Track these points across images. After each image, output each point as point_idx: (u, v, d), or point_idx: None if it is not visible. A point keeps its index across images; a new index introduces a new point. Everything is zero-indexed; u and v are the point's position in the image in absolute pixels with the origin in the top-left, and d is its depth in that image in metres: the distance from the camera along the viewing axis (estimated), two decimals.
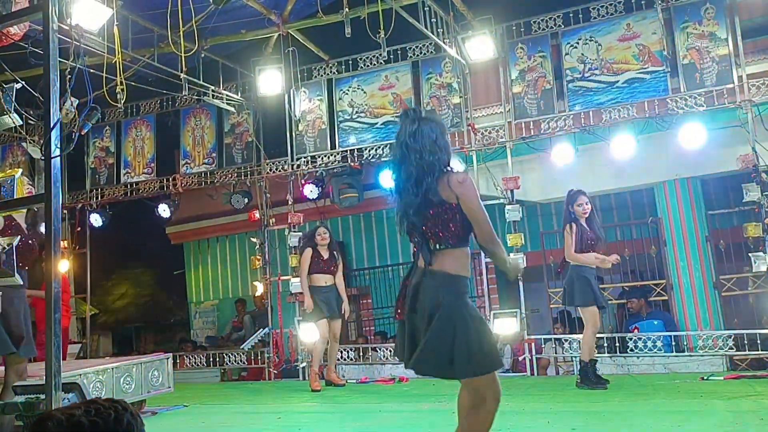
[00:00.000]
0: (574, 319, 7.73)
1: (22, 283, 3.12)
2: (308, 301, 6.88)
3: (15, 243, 3.00)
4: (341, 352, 8.10)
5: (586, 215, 5.88)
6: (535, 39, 7.73)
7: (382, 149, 8.22)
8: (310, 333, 7.20)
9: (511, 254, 7.29)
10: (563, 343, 7.55)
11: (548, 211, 9.60)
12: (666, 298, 7.81)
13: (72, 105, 3.23)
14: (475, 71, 7.98)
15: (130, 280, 12.34)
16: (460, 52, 7.64)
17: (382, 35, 6.31)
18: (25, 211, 3.73)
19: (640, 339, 7.10)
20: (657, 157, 7.55)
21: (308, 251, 7.07)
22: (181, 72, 7.49)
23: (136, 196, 9.62)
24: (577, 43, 7.51)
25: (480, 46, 7.52)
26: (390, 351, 7.95)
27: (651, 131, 7.40)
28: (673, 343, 7.06)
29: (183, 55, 6.94)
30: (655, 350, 7.05)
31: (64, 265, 8.82)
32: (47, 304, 2.76)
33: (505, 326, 7.29)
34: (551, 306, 8.07)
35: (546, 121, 7.58)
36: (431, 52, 8.11)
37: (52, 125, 2.78)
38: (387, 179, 8.39)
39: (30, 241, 3.95)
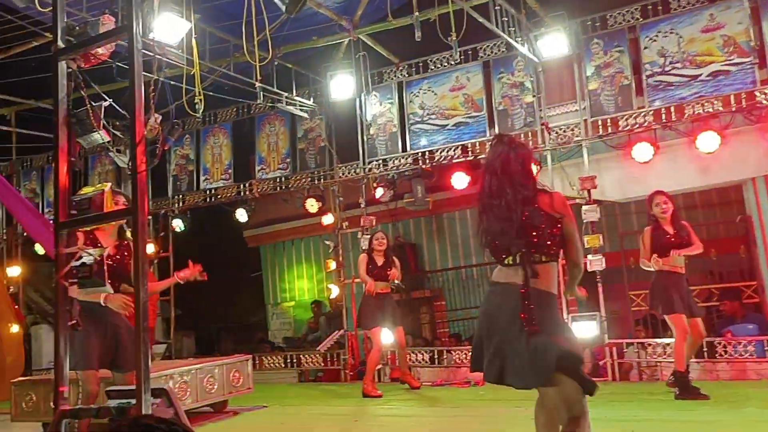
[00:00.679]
0: (658, 323, 7.44)
1: (112, 291, 3.27)
2: (370, 283, 6.87)
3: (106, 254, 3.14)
4: (415, 354, 8.10)
5: (666, 215, 5.63)
6: (612, 33, 7.49)
7: (454, 151, 8.17)
8: (384, 335, 7.23)
9: (589, 256, 7.11)
10: (646, 348, 7.29)
11: (628, 210, 9.29)
12: (758, 300, 7.42)
13: (156, 121, 3.35)
14: (549, 69, 7.80)
15: (210, 283, 12.71)
16: (532, 50, 7.50)
17: (454, 37, 6.26)
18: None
19: (730, 343, 6.77)
20: (746, 153, 7.17)
21: (363, 257, 7.11)
22: (256, 80, 7.66)
23: (215, 202, 9.93)
24: (657, 36, 7.23)
25: (553, 43, 7.35)
26: (465, 354, 7.88)
27: (738, 125, 7.05)
28: (767, 348, 6.69)
29: (257, 64, 7.10)
30: (747, 355, 6.70)
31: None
32: (136, 312, 2.88)
33: (584, 329, 7.10)
34: (632, 309, 7.80)
35: (624, 118, 7.34)
36: (502, 51, 7.99)
37: (137, 141, 2.89)
38: (459, 180, 8.37)
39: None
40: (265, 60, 7.48)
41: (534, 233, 2.91)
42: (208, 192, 9.90)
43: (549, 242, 2.93)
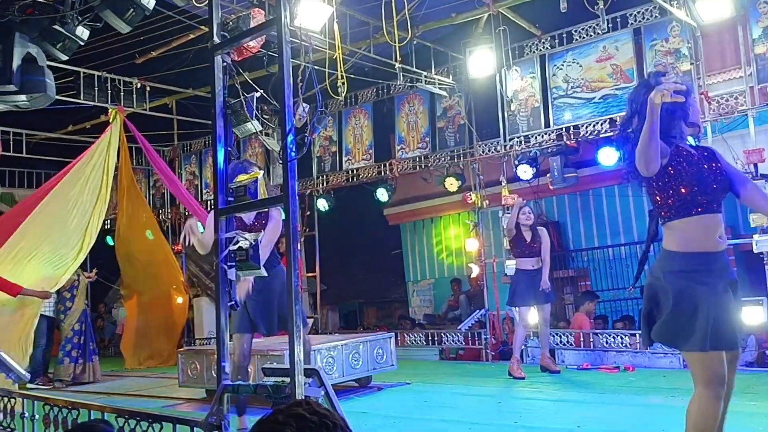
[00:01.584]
0: None
1: (266, 275, 3.45)
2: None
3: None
4: (559, 336, 7.89)
5: None
6: None
7: (601, 125, 7.77)
8: (531, 315, 7.09)
9: (755, 236, 6.53)
10: None
11: None
12: None
13: (304, 110, 3.46)
14: (708, 33, 7.17)
15: (353, 259, 13.12)
16: (689, 13, 6.92)
17: (601, 5, 5.92)
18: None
19: None
20: None
21: (511, 231, 7.02)
22: (396, 61, 7.70)
23: (357, 182, 10.19)
24: None
25: (714, 5, 6.73)
26: (613, 337, 7.56)
27: None
28: None
29: (397, 45, 7.12)
30: None
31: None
32: (288, 295, 3.00)
33: (749, 315, 6.54)
34: None
35: None
36: (655, 16, 7.43)
37: (287, 131, 3.00)
38: (607, 156, 7.97)
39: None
40: (405, 40, 7.50)
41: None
42: (350, 172, 10.16)
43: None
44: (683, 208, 2.74)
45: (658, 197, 2.82)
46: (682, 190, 2.73)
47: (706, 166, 2.81)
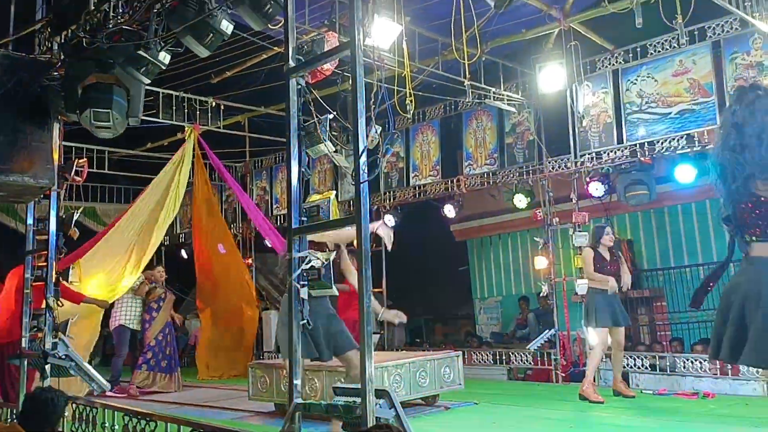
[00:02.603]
0: None
1: (337, 294, 3.48)
2: (605, 280, 6.66)
3: (331, 257, 3.34)
4: (633, 360, 7.63)
5: None
6: None
7: (677, 141, 7.52)
8: (605, 336, 6.89)
9: None
10: None
11: None
12: None
13: (376, 132, 3.50)
14: None
15: (420, 276, 13.09)
16: None
17: (680, 20, 5.74)
18: None
19: None
20: None
21: (589, 251, 6.88)
22: (464, 78, 7.69)
23: (424, 198, 10.18)
24: None
25: None
26: (691, 362, 7.26)
27: None
28: None
29: (466, 62, 7.11)
30: None
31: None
32: (360, 317, 3.02)
33: None
34: None
35: None
36: (735, 29, 7.16)
37: (359, 153, 3.03)
38: (684, 173, 7.70)
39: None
40: (474, 57, 7.48)
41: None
42: (417, 188, 10.17)
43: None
44: None
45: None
46: None
47: None
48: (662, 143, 7.65)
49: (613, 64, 8.15)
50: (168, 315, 8.76)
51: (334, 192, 3.58)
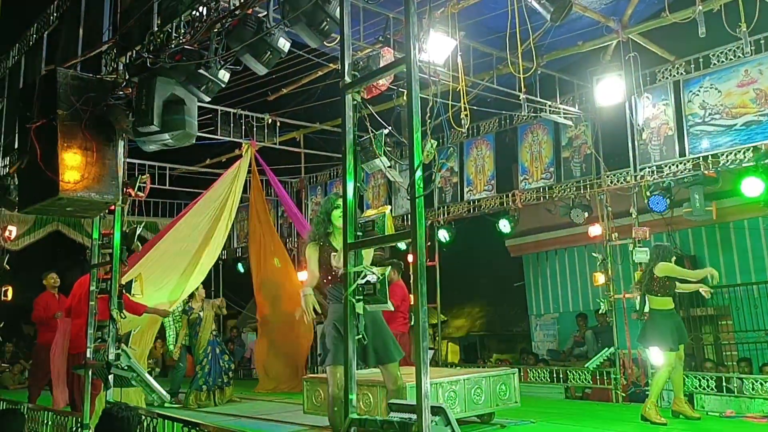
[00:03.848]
0: None
1: (393, 309, 3.48)
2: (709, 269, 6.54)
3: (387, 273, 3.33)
4: (699, 380, 7.35)
5: None
6: None
7: (743, 153, 7.25)
8: (660, 356, 6.66)
9: None
10: None
11: None
12: None
13: (432, 147, 3.49)
14: None
15: (474, 291, 12.98)
16: None
17: (744, 28, 5.56)
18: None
19: None
20: None
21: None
22: (520, 92, 7.62)
23: (478, 213, 10.10)
24: None
25: None
26: (761, 383, 6.94)
27: None
28: None
29: (522, 75, 7.05)
30: None
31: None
32: (415, 332, 3.01)
33: None
34: None
35: None
36: None
37: (415, 168, 3.02)
38: (751, 186, 7.41)
39: None
40: (529, 70, 7.41)
41: None
42: (471, 203, 10.10)
43: None
44: None
45: None
46: None
47: None
48: (727, 156, 7.39)
49: (674, 76, 7.94)
50: (209, 332, 8.87)
51: (389, 207, 3.58)
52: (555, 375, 8.96)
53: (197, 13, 4.57)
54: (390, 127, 3.48)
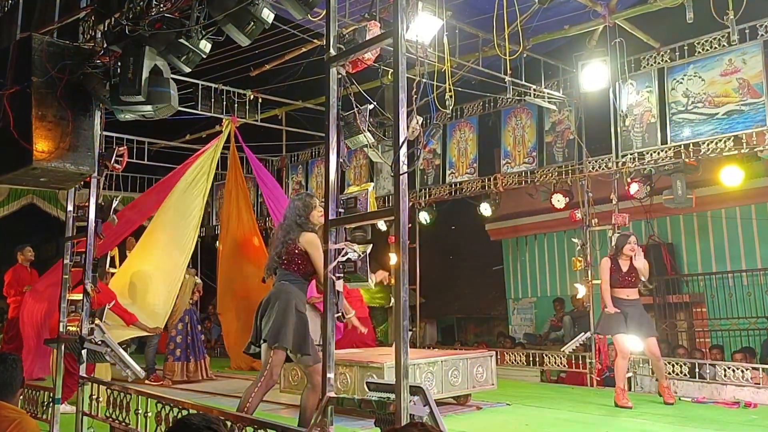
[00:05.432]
0: None
1: (373, 286, 3.44)
2: (610, 305, 6.61)
3: (368, 250, 3.29)
4: (672, 366, 7.44)
5: None
6: None
7: (725, 143, 7.29)
8: (632, 342, 6.73)
9: None
10: None
11: None
12: None
13: (417, 123, 3.43)
14: None
15: (453, 274, 13.00)
16: None
17: (731, 16, 5.56)
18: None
19: None
20: None
21: (606, 261, 6.75)
22: (505, 74, 7.57)
23: (460, 196, 10.07)
24: None
25: None
26: (732, 370, 7.04)
27: None
28: None
29: (508, 57, 7.00)
30: None
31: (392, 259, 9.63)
32: (395, 311, 2.97)
33: None
34: None
35: None
36: None
37: (399, 144, 2.97)
38: (730, 176, 7.47)
39: None
40: (515, 53, 7.36)
41: None
42: (453, 185, 10.06)
43: None
44: None
45: None
46: None
47: None
48: (708, 144, 7.43)
49: (659, 63, 7.94)
50: (187, 301, 8.76)
51: (373, 183, 3.52)
52: (531, 358, 9.02)
53: None
54: (375, 103, 3.42)
